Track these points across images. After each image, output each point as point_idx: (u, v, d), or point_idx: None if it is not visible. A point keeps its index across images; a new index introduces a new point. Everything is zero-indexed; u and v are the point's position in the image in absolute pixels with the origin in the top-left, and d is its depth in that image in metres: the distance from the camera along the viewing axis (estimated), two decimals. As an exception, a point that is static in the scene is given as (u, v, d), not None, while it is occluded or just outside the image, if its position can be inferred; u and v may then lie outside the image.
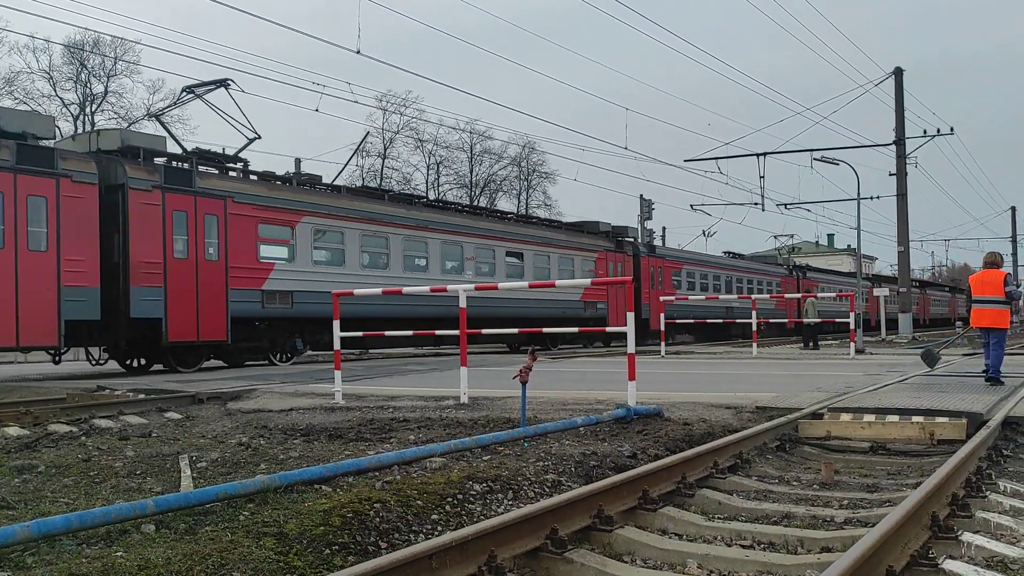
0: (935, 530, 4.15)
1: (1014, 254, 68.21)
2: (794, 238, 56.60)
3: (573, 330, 11.12)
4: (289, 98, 47.28)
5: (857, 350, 20.91)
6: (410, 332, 14.94)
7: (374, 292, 12.40)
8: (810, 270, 51.59)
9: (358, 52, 21.43)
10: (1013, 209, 71.14)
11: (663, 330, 23.05)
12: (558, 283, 10.83)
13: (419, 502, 4.65)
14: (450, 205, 30.23)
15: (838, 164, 31.31)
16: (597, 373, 14.56)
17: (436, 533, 4.33)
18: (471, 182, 61.13)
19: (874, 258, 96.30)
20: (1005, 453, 6.57)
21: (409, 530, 4.35)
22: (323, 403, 9.81)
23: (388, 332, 13.98)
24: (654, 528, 4.61)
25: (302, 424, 8.05)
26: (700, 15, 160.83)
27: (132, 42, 44.57)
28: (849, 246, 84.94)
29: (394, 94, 52.56)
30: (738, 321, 34.23)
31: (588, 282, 14.80)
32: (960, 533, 4.12)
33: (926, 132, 35.05)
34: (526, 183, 63.44)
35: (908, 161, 34.13)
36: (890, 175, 34.32)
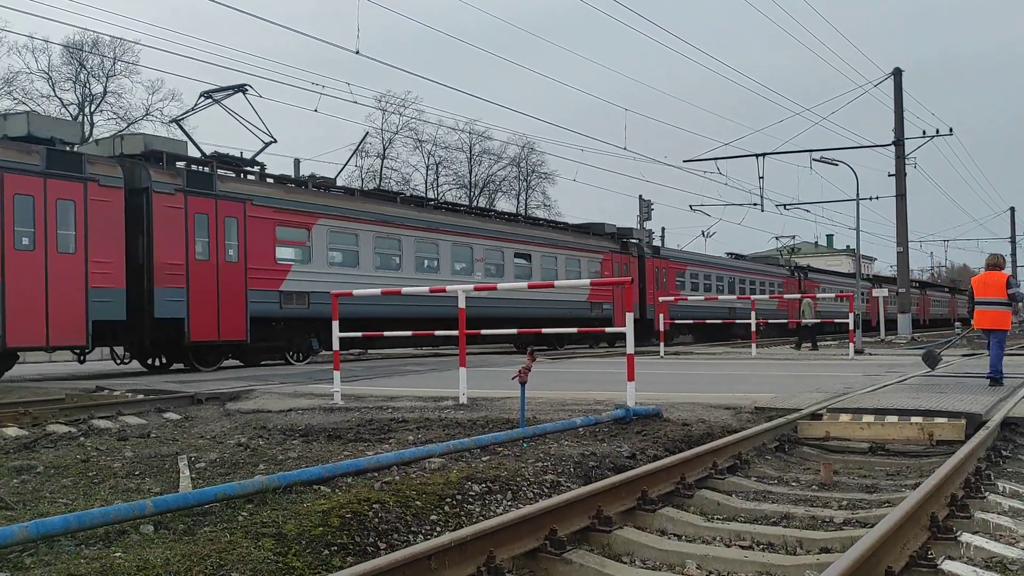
0: (934, 531, 4.15)
1: (1013, 254, 68.33)
2: (795, 239, 56.69)
3: (572, 330, 11.09)
4: (288, 98, 47.42)
5: (856, 351, 20.92)
6: (409, 332, 14.93)
7: (373, 292, 12.44)
8: (812, 271, 51.80)
9: (357, 52, 21.45)
10: (1012, 210, 71.28)
11: (662, 330, 23.08)
12: (557, 284, 10.88)
13: (418, 503, 4.65)
14: (460, 207, 30.45)
15: (837, 165, 31.34)
16: (596, 373, 14.56)
17: (435, 534, 4.33)
18: (470, 182, 61.12)
19: (873, 259, 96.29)
20: (1004, 454, 6.58)
21: (408, 531, 4.35)
22: (322, 404, 9.80)
23: (388, 332, 13.97)
24: (653, 529, 4.61)
25: (301, 425, 8.05)
26: (699, 16, 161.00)
27: (131, 42, 44.58)
28: (848, 247, 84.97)
29: (393, 94, 52.63)
30: (740, 321, 34.21)
31: (587, 282, 14.80)
32: (959, 534, 4.13)
33: (925, 133, 35.15)
34: (525, 183, 63.45)
35: (907, 162, 34.19)
36: (889, 176, 34.40)
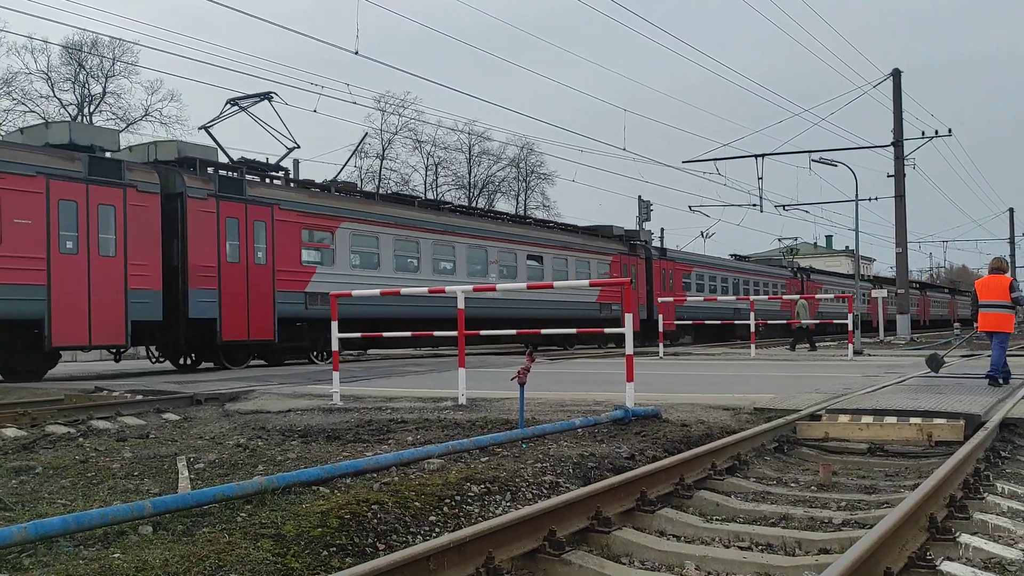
0: (933, 532, 4.15)
1: (1012, 255, 68.32)
2: (797, 241, 56.82)
3: (572, 331, 11.15)
4: (287, 98, 47.37)
5: (855, 352, 20.92)
6: (408, 333, 14.94)
7: (372, 293, 12.50)
8: (814, 272, 52.14)
9: (356, 53, 21.41)
10: (1011, 211, 71.26)
11: (661, 331, 23.11)
12: (556, 284, 10.88)
13: (417, 504, 4.65)
14: (474, 210, 30.96)
15: (836, 165, 31.34)
16: (595, 374, 14.57)
17: (434, 535, 4.33)
18: (469, 183, 61.10)
19: (872, 259, 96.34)
20: (1003, 455, 6.58)
21: (407, 532, 4.35)
22: (321, 404, 9.80)
23: (387, 333, 14.13)
24: (652, 529, 4.61)
25: (300, 425, 8.04)
26: (699, 16, 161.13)
27: (130, 43, 44.61)
28: (847, 248, 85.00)
29: (392, 95, 52.68)
30: (744, 322, 34.31)
31: (587, 283, 14.72)
32: (958, 535, 4.13)
33: (924, 133, 35.14)
34: (524, 184, 63.46)
35: (906, 162, 34.18)
36: (888, 176, 34.39)
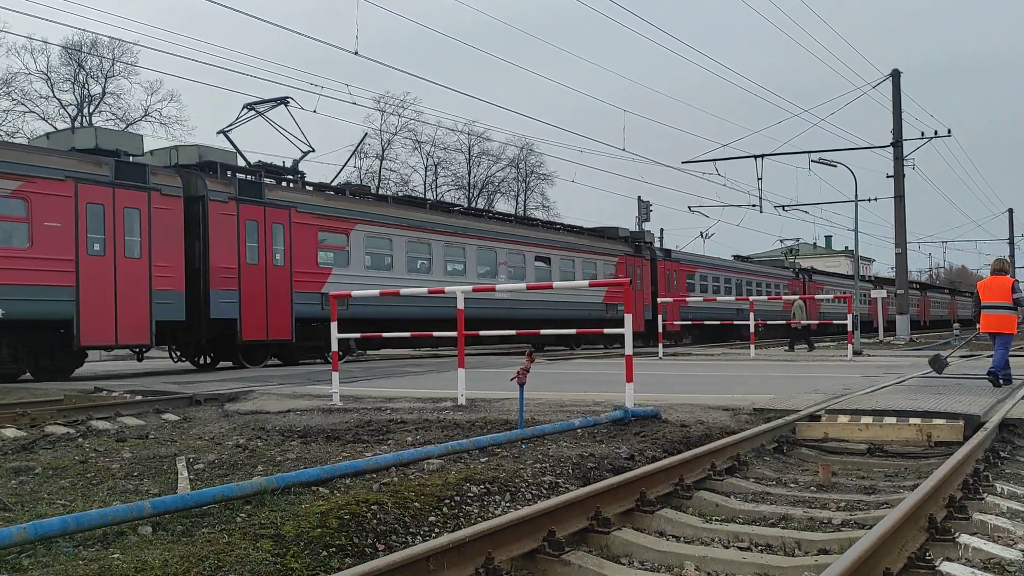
0: (932, 532, 4.15)
1: (1012, 256, 68.34)
2: (799, 241, 56.91)
3: (571, 331, 11.21)
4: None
5: (855, 352, 20.93)
6: (408, 334, 15.02)
7: (371, 294, 12.66)
8: (816, 273, 52.34)
9: (356, 53, 21.40)
10: (1011, 211, 71.30)
11: (661, 331, 23.14)
12: (556, 285, 10.93)
13: (416, 504, 4.65)
14: (483, 212, 31.50)
15: (836, 166, 31.33)
16: (595, 375, 14.57)
17: (434, 535, 4.33)
18: (469, 183, 61.11)
19: (872, 260, 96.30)
20: (1002, 455, 6.58)
21: (406, 532, 4.35)
22: (320, 404, 9.79)
23: (387, 334, 14.31)
24: (652, 530, 4.61)
25: (299, 426, 8.04)
26: (698, 17, 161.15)
27: (129, 43, 44.61)
28: (847, 248, 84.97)
29: (392, 95, 52.62)
30: (745, 322, 34.40)
31: (586, 283, 14.77)
32: (957, 535, 4.13)
33: (923, 134, 35.14)
34: (524, 184, 63.47)
35: (906, 163, 34.19)
36: (888, 177, 34.42)
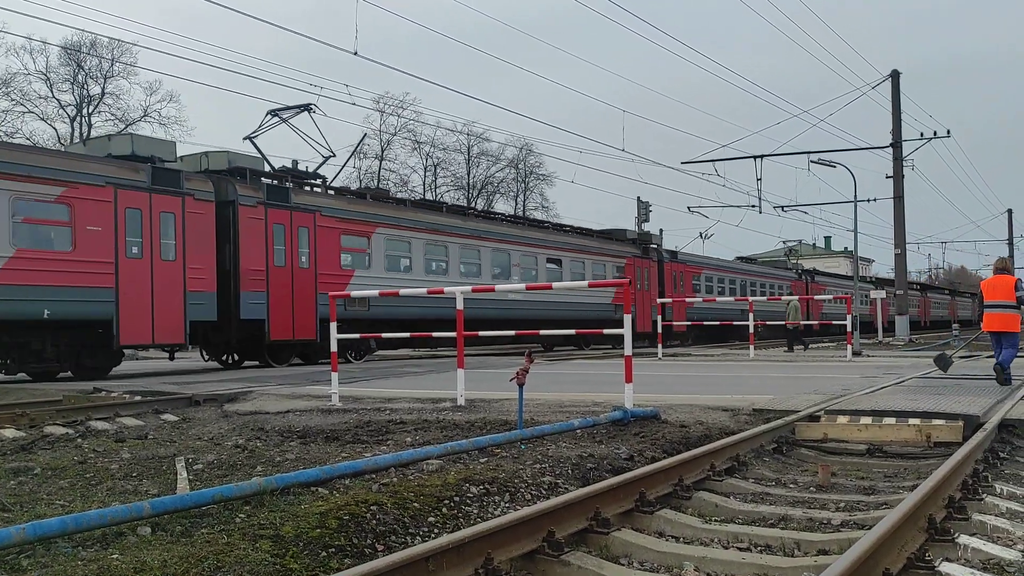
0: (931, 533, 4.15)
1: (1011, 256, 68.31)
2: (801, 243, 57.02)
3: (570, 332, 11.27)
4: (286, 99, 47.33)
5: (854, 352, 20.93)
6: (407, 334, 15.13)
7: (371, 294, 12.76)
8: (818, 274, 52.74)
9: (355, 53, 21.40)
10: (1010, 212, 71.27)
11: (660, 332, 23.13)
12: (555, 285, 10.93)
13: (416, 504, 4.65)
14: (496, 215, 32.23)
15: (835, 166, 31.34)
16: (595, 375, 14.57)
17: (433, 536, 4.33)
18: (468, 184, 61.13)
19: (871, 260, 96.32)
20: (1001, 456, 6.58)
21: (406, 532, 4.35)
22: (320, 405, 9.79)
23: (386, 334, 14.36)
24: (651, 530, 4.61)
25: (299, 426, 8.04)
26: (697, 17, 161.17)
27: (129, 43, 44.64)
28: (846, 248, 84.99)
29: (391, 95, 52.66)
30: (747, 323, 34.66)
31: (585, 284, 14.82)
32: (956, 536, 4.13)
33: (923, 135, 35.15)
34: (523, 185, 63.50)
35: (905, 163, 34.19)
36: (887, 177, 34.41)
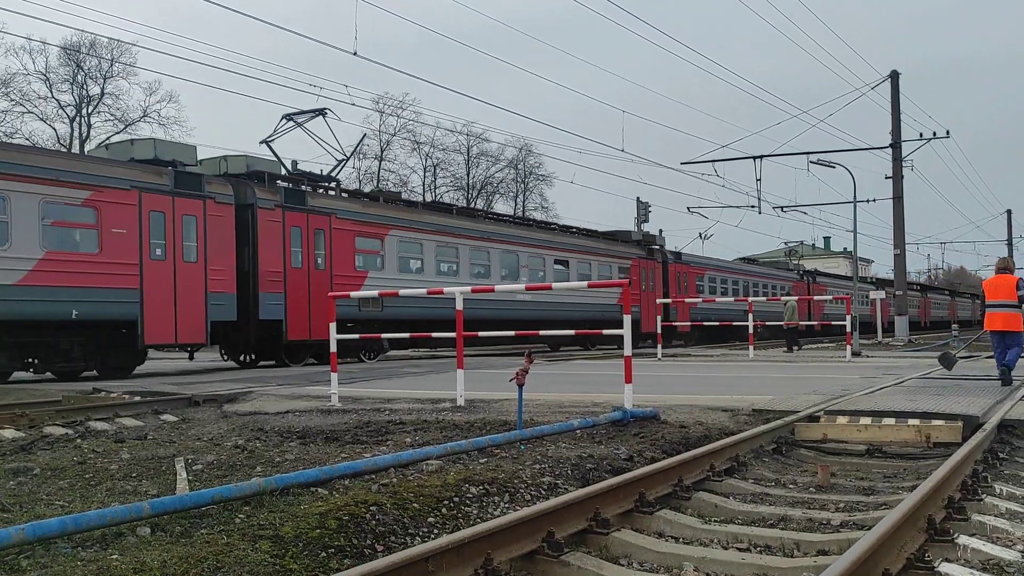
0: (931, 533, 4.15)
1: (1010, 257, 68.21)
2: (803, 244, 57.18)
3: (570, 332, 11.28)
4: (285, 100, 47.34)
5: (853, 353, 20.93)
6: (407, 335, 15.19)
7: (371, 294, 12.81)
8: (819, 275, 53.06)
9: (355, 54, 21.38)
10: (1009, 212, 71.14)
11: (660, 332, 23.14)
12: (555, 286, 10.99)
13: (415, 505, 4.65)
14: (505, 217, 32.81)
15: (834, 167, 31.31)
16: (594, 375, 14.56)
17: (433, 536, 4.33)
18: (468, 184, 61.11)
19: (871, 261, 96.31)
20: (1001, 456, 6.58)
21: (405, 533, 4.35)
22: (319, 405, 9.78)
23: (386, 335, 14.40)
24: (651, 531, 4.61)
25: (298, 426, 8.04)
26: (697, 17, 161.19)
27: (128, 44, 44.64)
28: (845, 249, 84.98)
29: (391, 96, 52.65)
30: (749, 323, 34.84)
31: (585, 284, 14.83)
32: (956, 536, 4.13)
33: (922, 135, 35.13)
34: (523, 185, 63.49)
35: (904, 164, 34.19)
36: (886, 178, 34.40)
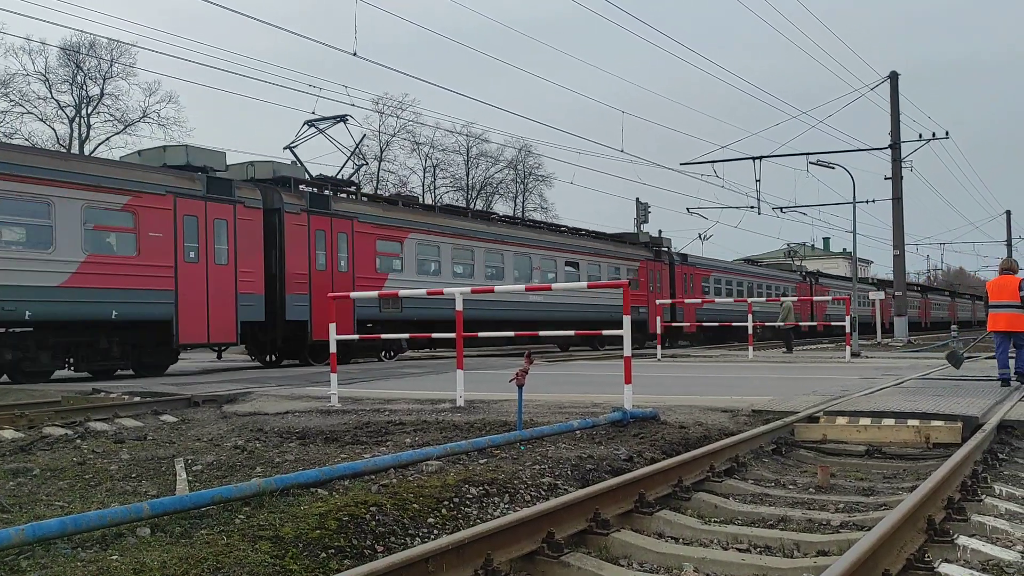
0: (931, 533, 4.15)
1: (1009, 257, 68.19)
2: (805, 245, 57.35)
3: (570, 333, 11.32)
4: (285, 100, 47.39)
5: (853, 354, 20.92)
6: (407, 335, 15.28)
7: (370, 295, 12.90)
8: (822, 276, 53.46)
9: (354, 54, 21.39)
10: (1008, 213, 71.19)
11: (660, 333, 23.14)
12: (554, 287, 11.04)
13: (415, 505, 4.65)
14: (517, 220, 33.46)
15: (834, 167, 31.30)
16: (594, 376, 14.56)
17: (433, 537, 4.33)
18: (467, 185, 61.11)
19: (870, 261, 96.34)
20: (1000, 457, 6.58)
21: (405, 534, 4.35)
22: (319, 406, 9.78)
23: (385, 335, 14.47)
24: (650, 531, 4.61)
25: (298, 427, 8.03)
26: (696, 18, 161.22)
27: (128, 44, 44.68)
28: (845, 249, 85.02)
29: (391, 96, 52.63)
30: (753, 324, 35.10)
31: (584, 285, 14.89)
32: (956, 536, 4.13)
33: (921, 136, 35.16)
34: (522, 186, 63.49)
35: (903, 165, 34.20)
36: (886, 179, 34.41)
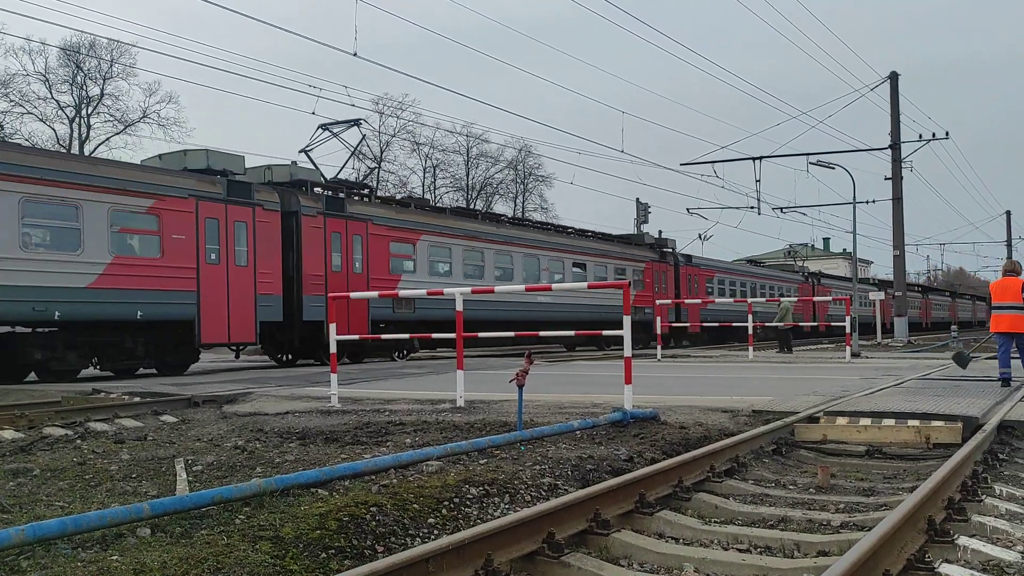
0: (931, 534, 4.15)
1: (1009, 258, 68.26)
2: (806, 246, 57.46)
3: (570, 333, 11.34)
4: (285, 100, 47.44)
5: (853, 354, 20.93)
6: (407, 335, 15.44)
7: (371, 295, 12.98)
8: (824, 276, 53.65)
9: (355, 54, 21.40)
10: (1008, 213, 71.23)
11: (660, 333, 23.17)
12: (554, 287, 11.04)
13: (416, 506, 4.65)
14: (525, 222, 33.86)
15: (834, 168, 31.28)
16: (594, 376, 14.56)
17: (433, 537, 4.33)
18: (467, 185, 61.12)
19: (870, 262, 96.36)
20: (1000, 457, 6.59)
21: (406, 534, 4.35)
22: (319, 406, 9.78)
23: (384, 336, 14.49)
24: (651, 532, 4.61)
25: (298, 427, 8.03)
26: (696, 18, 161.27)
27: (128, 44, 44.69)
28: (845, 250, 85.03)
29: (391, 97, 52.65)
30: (755, 324, 35.25)
31: (584, 285, 14.90)
32: (956, 537, 4.13)
33: (921, 136, 35.18)
34: (522, 186, 63.50)
35: (904, 165, 34.20)
36: (886, 179, 34.42)
